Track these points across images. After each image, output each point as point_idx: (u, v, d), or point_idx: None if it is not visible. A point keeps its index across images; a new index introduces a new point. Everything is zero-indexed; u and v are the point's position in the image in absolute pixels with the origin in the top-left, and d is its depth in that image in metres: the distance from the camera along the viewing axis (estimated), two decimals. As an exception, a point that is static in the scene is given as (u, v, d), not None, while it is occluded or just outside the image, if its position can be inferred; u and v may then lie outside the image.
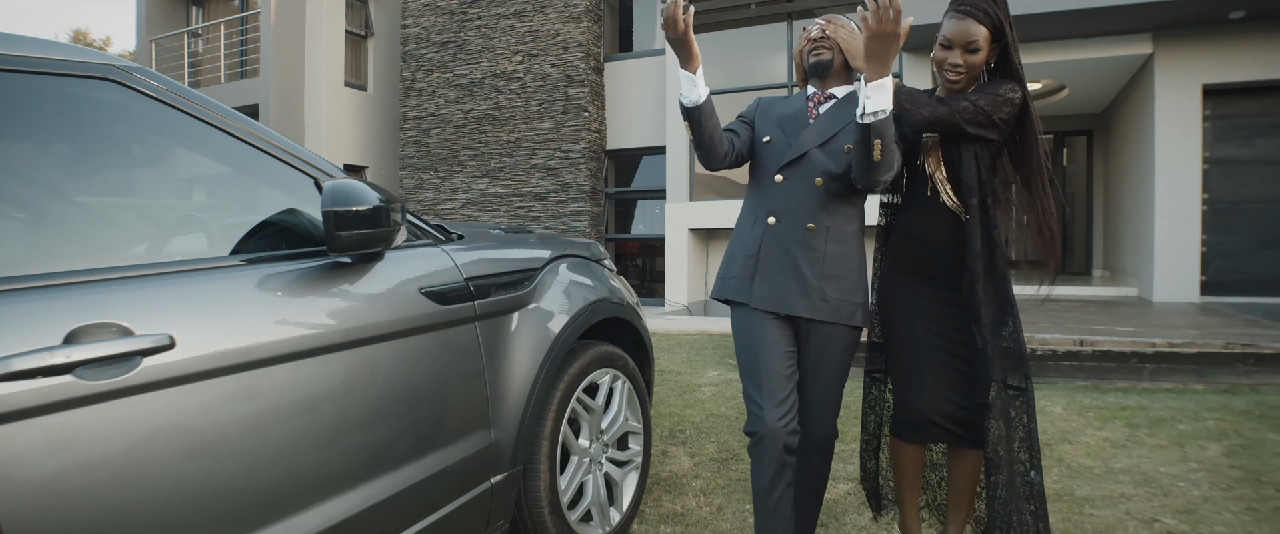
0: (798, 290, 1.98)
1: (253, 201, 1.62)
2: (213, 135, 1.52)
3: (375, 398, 1.60)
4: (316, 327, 1.48)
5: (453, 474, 1.80)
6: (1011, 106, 1.92)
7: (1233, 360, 4.23)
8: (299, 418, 1.43)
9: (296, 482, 1.41)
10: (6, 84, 1.26)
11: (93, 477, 1.12)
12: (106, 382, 1.14)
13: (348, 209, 1.48)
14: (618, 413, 2.51)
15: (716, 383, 4.82)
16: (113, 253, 1.35)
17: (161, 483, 1.20)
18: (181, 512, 1.23)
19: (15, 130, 1.28)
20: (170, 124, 1.47)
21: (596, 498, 2.39)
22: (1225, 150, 7.46)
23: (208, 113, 1.50)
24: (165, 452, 1.21)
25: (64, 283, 1.18)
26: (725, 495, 2.85)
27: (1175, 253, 7.38)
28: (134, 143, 1.46)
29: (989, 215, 1.98)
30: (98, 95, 1.38)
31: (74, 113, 1.36)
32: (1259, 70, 7.09)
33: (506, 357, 2.03)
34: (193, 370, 1.25)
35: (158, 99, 1.44)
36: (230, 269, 1.42)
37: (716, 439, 3.56)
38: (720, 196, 9.45)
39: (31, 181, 1.31)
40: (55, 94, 1.33)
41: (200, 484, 1.25)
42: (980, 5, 1.93)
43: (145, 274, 1.29)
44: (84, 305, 1.16)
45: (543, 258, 2.29)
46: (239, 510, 1.31)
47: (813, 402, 2.07)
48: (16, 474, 1.04)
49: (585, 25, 9.68)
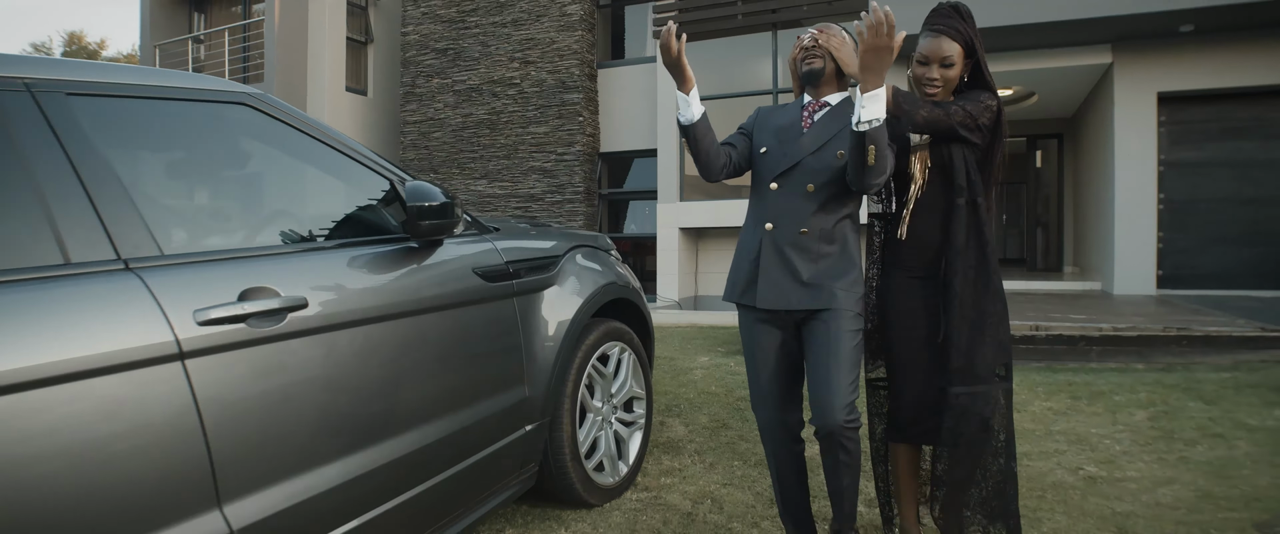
0: (796, 286, 2.08)
1: (347, 198, 2.04)
2: (315, 146, 1.94)
3: (442, 353, 2.03)
4: (400, 295, 1.90)
5: (497, 420, 2.23)
6: (991, 113, 2.05)
7: (1169, 342, 4.71)
8: (391, 364, 1.86)
9: (388, 414, 1.84)
10: (177, 109, 1.68)
11: (260, 400, 1.54)
12: (266, 329, 1.56)
13: (426, 204, 1.91)
14: (625, 379, 2.95)
15: (706, 366, 5.26)
16: (260, 236, 1.77)
17: (304, 407, 1.62)
18: (315, 427, 1.65)
19: (183, 142, 1.70)
20: (286, 137, 1.89)
21: (608, 451, 2.82)
22: (1179, 154, 7.99)
23: (312, 128, 1.93)
24: (304, 382, 1.63)
25: (233, 257, 1.60)
26: (716, 455, 3.29)
27: (1134, 249, 7.90)
28: (262, 152, 1.89)
29: (978, 214, 2.07)
30: (237, 116, 1.80)
31: (220, 129, 1.78)
32: (1209, 79, 7.62)
33: (537, 327, 2.46)
34: (320, 324, 1.67)
35: (277, 118, 1.87)
36: (336, 250, 1.84)
37: (708, 411, 4.00)
38: (709, 198, 9.90)
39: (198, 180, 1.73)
40: (209, 115, 1.75)
41: (328, 409, 1.68)
42: (952, 24, 2.06)
43: (283, 252, 1.71)
44: (248, 274, 1.59)
45: (564, 247, 2.73)
46: (356, 431, 1.73)
47: (826, 392, 2.05)
48: (223, 395, 1.46)
49: (579, 34, 10.11)
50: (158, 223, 1.50)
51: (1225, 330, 4.69)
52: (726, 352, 5.93)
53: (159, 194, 1.60)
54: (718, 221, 9.66)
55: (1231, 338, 4.63)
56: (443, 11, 10.81)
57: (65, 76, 1.48)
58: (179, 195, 1.66)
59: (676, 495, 2.86)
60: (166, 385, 1.38)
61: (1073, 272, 10.77)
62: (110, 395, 1.30)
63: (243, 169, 1.82)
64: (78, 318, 1.29)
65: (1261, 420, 3.50)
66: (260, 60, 11.45)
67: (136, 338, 1.34)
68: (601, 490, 2.75)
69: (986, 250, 2.07)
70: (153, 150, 1.66)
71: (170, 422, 1.38)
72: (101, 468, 1.27)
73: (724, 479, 3.00)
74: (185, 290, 1.45)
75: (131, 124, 1.59)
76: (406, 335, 1.91)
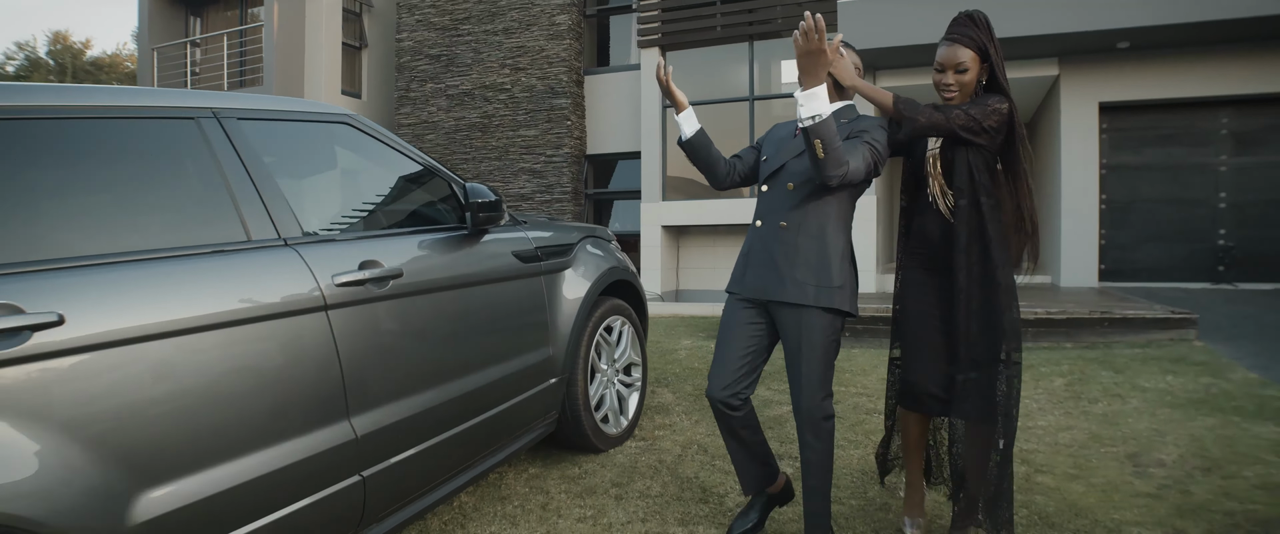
0: (775, 279, 2.24)
1: (419, 195, 2.61)
2: (395, 155, 2.50)
3: (492, 316, 2.60)
4: (462, 270, 2.47)
5: (531, 372, 2.80)
6: (999, 116, 2.12)
7: (1093, 324, 5.39)
8: (458, 321, 2.43)
9: (459, 359, 2.41)
10: (304, 128, 2.24)
11: (375, 342, 2.09)
12: (377, 291, 2.12)
13: (481, 200, 2.49)
14: (625, 347, 3.54)
15: (689, 348, 5.86)
16: (365, 223, 2.33)
17: (401, 350, 2.19)
18: (409, 366, 2.21)
19: (308, 152, 2.26)
20: (374, 147, 2.45)
21: (612, 405, 3.41)
22: (1119, 158, 8.73)
23: (392, 140, 2.49)
24: (400, 332, 2.19)
25: (352, 238, 2.16)
26: (700, 415, 3.89)
27: (1078, 245, 8.62)
28: (358, 159, 2.45)
29: (980, 213, 2.17)
30: (339, 132, 2.37)
31: (332, 141, 2.34)
32: (1145, 90, 8.36)
33: (558, 301, 3.04)
34: (410, 289, 2.24)
35: (367, 133, 2.43)
36: (415, 234, 2.40)
37: (692, 383, 4.60)
38: (689, 198, 10.51)
39: (320, 180, 2.28)
40: (324, 132, 2.32)
41: (417, 353, 2.24)
42: (965, 31, 2.16)
43: (382, 235, 2.28)
44: (363, 250, 2.14)
45: (577, 237, 3.31)
46: (437, 371, 2.30)
47: (799, 380, 2.22)
48: (352, 337, 2.02)
49: (568, 42, 10.67)
50: (300, 212, 2.06)
51: (1141, 313, 5.38)
52: (706, 336, 6.53)
53: (297, 190, 2.15)
54: (697, 220, 10.28)
55: (1146, 319, 5.32)
56: (436, 19, 11.32)
57: (235, 106, 2.04)
58: (310, 191, 2.21)
59: (668, 443, 3.45)
60: (316, 328, 1.94)
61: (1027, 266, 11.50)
62: (281, 333, 1.86)
63: (347, 172, 2.38)
64: (259, 278, 1.84)
65: (1154, 384, 4.16)
66: (256, 64, 11.88)
67: (297, 293, 1.90)
68: (607, 438, 3.34)
69: (989, 248, 2.15)
70: (290, 158, 2.21)
71: (318, 355, 1.94)
72: (274, 384, 1.82)
73: (708, 432, 3.60)
74: (325, 260, 2.01)
75: (276, 139, 2.15)
76: (467, 301, 2.49)
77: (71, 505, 1.39)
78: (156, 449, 1.55)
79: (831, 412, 2.25)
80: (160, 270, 1.65)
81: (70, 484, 1.40)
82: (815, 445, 2.22)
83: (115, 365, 1.51)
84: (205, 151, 1.89)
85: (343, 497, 1.96)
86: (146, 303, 1.58)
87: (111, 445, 1.48)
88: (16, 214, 1.51)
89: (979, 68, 2.17)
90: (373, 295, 2.10)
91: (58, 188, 1.60)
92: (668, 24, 10.34)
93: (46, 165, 1.58)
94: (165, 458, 1.56)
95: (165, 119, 1.85)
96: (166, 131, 1.84)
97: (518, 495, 2.94)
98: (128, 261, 1.61)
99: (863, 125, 2.25)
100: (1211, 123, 8.47)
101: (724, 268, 10.45)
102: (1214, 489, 2.75)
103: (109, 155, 1.71)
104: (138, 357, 1.55)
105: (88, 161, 1.67)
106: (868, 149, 2.17)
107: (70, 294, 1.47)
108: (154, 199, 1.78)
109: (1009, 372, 2.17)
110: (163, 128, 1.84)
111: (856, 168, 2.11)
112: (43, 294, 1.43)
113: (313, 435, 1.89)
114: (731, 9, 10.00)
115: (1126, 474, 2.92)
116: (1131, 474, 2.92)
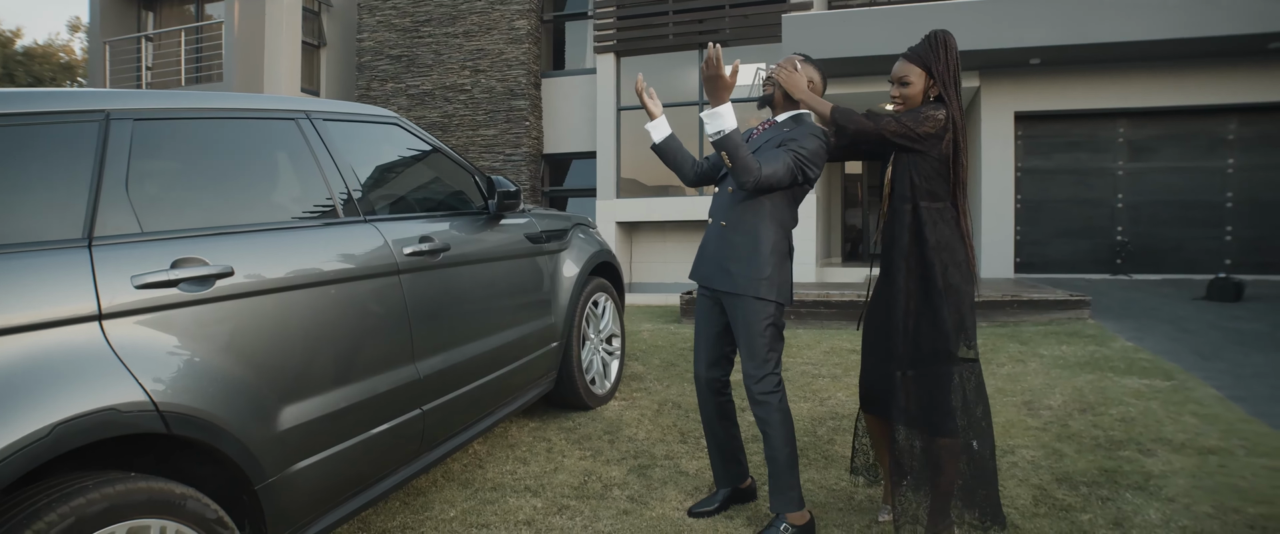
0: (716, 269, 2.51)
1: (451, 184, 3.10)
2: (430, 150, 3.00)
3: (512, 286, 3.13)
4: (489, 247, 2.99)
5: (539, 335, 3.33)
6: (934, 122, 2.19)
7: (1005, 305, 6.17)
8: (489, 287, 2.95)
9: (491, 319, 2.92)
10: (366, 128, 2.73)
11: (434, 302, 2.59)
12: (433, 261, 2.62)
13: (506, 189, 3.01)
14: (608, 320, 4.09)
15: (651, 330, 6.44)
16: (416, 205, 2.83)
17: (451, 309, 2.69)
18: (456, 323, 2.72)
19: (370, 148, 2.74)
20: (417, 144, 2.95)
21: (598, 370, 3.95)
22: (1032, 162, 9.68)
23: (429, 139, 2.99)
24: (447, 294, 2.70)
25: (409, 218, 2.66)
26: (670, 380, 4.47)
27: (997, 241, 9.52)
28: (405, 154, 2.94)
29: (918, 217, 2.25)
30: (389, 131, 2.86)
31: (386, 139, 2.83)
32: (1055, 102, 9.31)
33: (558, 277, 3.57)
34: (455, 261, 2.74)
35: (411, 132, 2.93)
36: (452, 216, 2.91)
37: (659, 356, 5.18)
38: (642, 196, 11.10)
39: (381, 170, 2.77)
40: (380, 132, 2.80)
41: (461, 313, 2.75)
42: (916, 49, 2.28)
43: (430, 216, 2.78)
44: (420, 227, 2.64)
45: (569, 224, 3.85)
46: (476, 329, 2.81)
47: (743, 363, 2.48)
48: (417, 297, 2.52)
49: (527, 46, 11.14)
50: (371, 195, 2.55)
51: (1045, 296, 6.19)
52: (664, 320, 7.11)
53: (365, 177, 2.63)
54: (648, 216, 10.87)
55: (1049, 301, 6.13)
56: (397, 21, 11.64)
57: (319, 109, 2.52)
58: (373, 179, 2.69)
59: (646, 401, 4.02)
60: (392, 288, 2.43)
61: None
62: (371, 290, 2.35)
63: (397, 163, 2.87)
64: (353, 246, 2.33)
65: (1051, 352, 4.93)
66: (213, 61, 11.97)
67: (381, 260, 2.40)
68: (595, 397, 3.88)
69: (925, 250, 2.23)
70: (357, 151, 2.68)
71: (395, 309, 2.43)
72: (367, 330, 2.31)
73: (679, 393, 4.18)
74: (396, 234, 2.51)
75: (347, 137, 2.63)
76: (494, 273, 3.01)
77: (240, 411, 1.87)
78: (293, 374, 2.04)
79: (773, 387, 2.44)
80: (291, 237, 2.14)
81: (240, 395, 1.88)
82: (760, 415, 2.46)
83: (268, 307, 1.99)
84: (304, 146, 2.37)
85: (410, 425, 2.46)
86: (284, 260, 2.07)
87: (266, 369, 1.96)
88: (195, 192, 1.98)
89: (925, 83, 2.26)
90: (429, 264, 2.60)
91: (219, 172, 2.07)
92: (623, 31, 10.91)
93: (213, 155, 2.06)
94: (299, 381, 2.05)
95: (276, 119, 2.32)
96: (278, 130, 2.32)
97: (524, 443, 3.46)
98: (269, 230, 2.09)
99: (794, 134, 2.42)
100: (1110, 132, 9.49)
101: (674, 261, 11.08)
102: (1086, 423, 3.46)
103: (245, 147, 2.19)
104: (282, 301, 2.03)
105: (235, 152, 2.15)
106: (791, 156, 2.34)
107: (235, 252, 1.95)
108: (277, 182, 2.27)
109: (963, 370, 2.24)
110: (275, 127, 2.31)
111: (773, 173, 2.30)
112: (217, 251, 1.91)
113: (392, 373, 2.38)
114: (682, 18, 10.63)
115: (1022, 415, 3.61)
116: (1026, 415, 3.61)
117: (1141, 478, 2.83)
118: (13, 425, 1.41)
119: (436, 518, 2.71)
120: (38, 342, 1.52)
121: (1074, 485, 2.79)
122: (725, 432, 2.69)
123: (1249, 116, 9.10)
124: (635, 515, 2.67)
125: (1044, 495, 2.71)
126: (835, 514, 2.64)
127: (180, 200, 1.96)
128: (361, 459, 2.25)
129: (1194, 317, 6.09)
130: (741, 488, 2.75)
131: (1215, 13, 7.88)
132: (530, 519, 2.67)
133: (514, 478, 3.05)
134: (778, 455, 2.45)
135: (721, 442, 2.69)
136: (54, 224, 1.65)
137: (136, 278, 1.71)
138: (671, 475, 3.03)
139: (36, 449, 1.43)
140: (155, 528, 1.61)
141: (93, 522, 1.49)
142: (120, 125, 1.83)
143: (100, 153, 1.77)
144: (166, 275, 1.76)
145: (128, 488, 1.56)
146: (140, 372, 1.64)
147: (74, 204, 1.69)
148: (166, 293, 1.75)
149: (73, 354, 1.57)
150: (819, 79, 2.55)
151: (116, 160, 1.79)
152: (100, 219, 1.71)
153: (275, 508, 1.94)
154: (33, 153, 1.68)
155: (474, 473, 3.12)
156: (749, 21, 10.31)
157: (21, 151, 1.66)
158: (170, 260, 1.79)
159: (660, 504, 2.76)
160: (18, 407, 1.44)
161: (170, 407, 1.67)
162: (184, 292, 1.79)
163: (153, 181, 1.89)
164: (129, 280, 1.69)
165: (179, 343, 1.76)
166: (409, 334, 2.48)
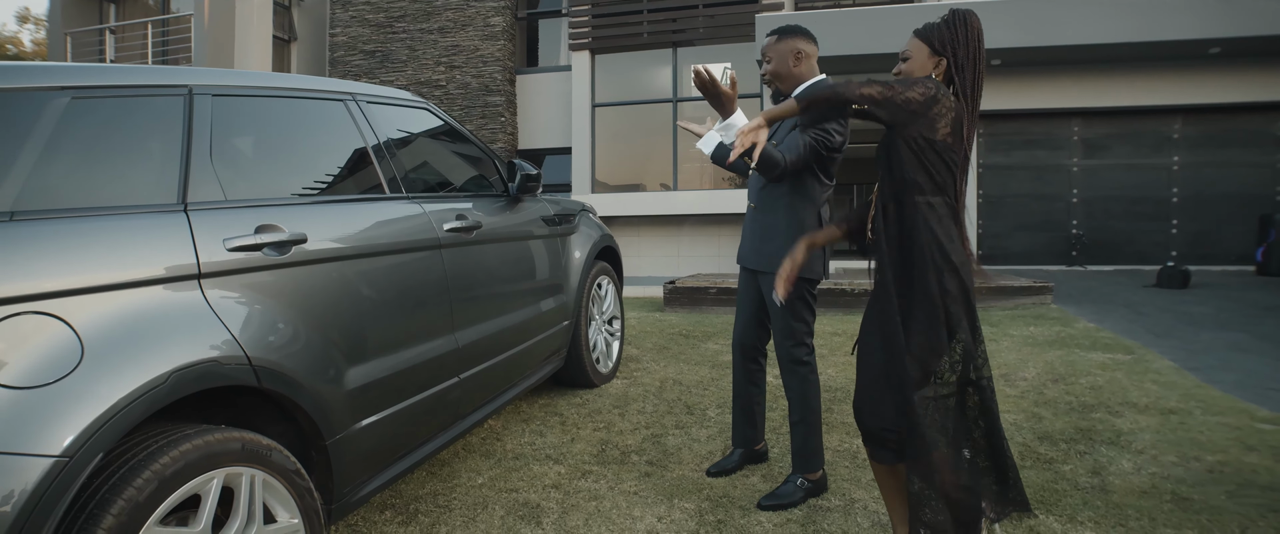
0: (750, 250, 2.73)
1: (474, 165, 3.25)
2: (456, 134, 3.15)
3: (532, 264, 3.29)
4: (512, 225, 3.15)
5: (553, 313, 3.50)
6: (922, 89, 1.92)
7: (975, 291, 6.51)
8: (514, 264, 3.11)
9: (517, 295, 3.08)
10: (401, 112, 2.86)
11: (469, 275, 2.74)
12: (467, 237, 2.77)
13: (527, 173, 3.17)
14: (610, 302, 4.26)
15: (638, 318, 6.63)
16: (447, 184, 2.97)
17: (483, 282, 2.84)
18: (489, 297, 2.87)
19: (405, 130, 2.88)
20: (443, 128, 3.09)
21: (602, 349, 4.13)
22: (993, 159, 10.11)
23: (454, 123, 3.14)
24: (479, 268, 2.85)
25: (446, 197, 2.80)
26: (667, 360, 4.66)
27: (960, 234, 9.92)
28: (436, 138, 3.08)
29: (903, 211, 1.99)
30: (420, 114, 3.00)
31: (420, 122, 2.97)
32: (1013, 101, 9.74)
33: (569, 258, 3.74)
34: (485, 239, 2.90)
35: (438, 117, 3.07)
36: (480, 197, 3.06)
37: (651, 340, 5.37)
38: (615, 190, 11.28)
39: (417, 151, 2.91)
40: (414, 115, 2.94)
41: (490, 288, 2.90)
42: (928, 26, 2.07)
43: (462, 195, 2.93)
44: (455, 205, 2.79)
45: (577, 209, 4.01)
46: (506, 304, 2.97)
47: (774, 331, 2.70)
48: (455, 270, 2.67)
49: (502, 43, 11.23)
50: (411, 174, 2.69)
51: (1012, 283, 6.54)
52: (648, 310, 7.31)
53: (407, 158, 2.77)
54: (624, 211, 11.05)
55: (1015, 288, 6.48)
56: (371, 16, 11.63)
57: (362, 91, 2.65)
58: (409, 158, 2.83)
59: (648, 379, 4.21)
60: (434, 261, 2.58)
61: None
62: (418, 262, 2.49)
63: (427, 145, 3.01)
64: (401, 221, 2.47)
65: (1020, 332, 5.25)
66: (180, 54, 11.81)
67: (425, 235, 2.54)
68: (600, 375, 4.06)
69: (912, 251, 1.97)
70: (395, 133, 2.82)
71: (437, 282, 2.58)
72: (415, 300, 2.46)
73: (677, 371, 4.38)
74: (436, 212, 2.65)
75: (389, 119, 2.76)
76: (518, 251, 3.17)
77: (315, 369, 2.01)
78: (357, 337, 2.18)
79: (803, 359, 2.60)
80: (352, 209, 2.28)
81: (314, 354, 2.01)
82: (789, 383, 2.64)
83: (335, 273, 2.13)
84: (352, 125, 2.51)
85: (448, 393, 2.60)
86: (348, 231, 2.21)
87: (334, 331, 2.09)
88: (267, 164, 2.12)
89: (928, 59, 2.03)
90: (465, 240, 2.76)
91: (284, 146, 2.21)
92: (598, 29, 11.07)
93: (279, 130, 2.19)
94: (361, 344, 2.19)
95: (328, 100, 2.46)
96: (330, 109, 2.45)
97: (538, 417, 3.62)
98: (332, 201, 2.23)
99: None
100: (1066, 130, 9.96)
101: (649, 254, 11.28)
102: (1060, 391, 3.75)
103: (306, 124, 2.33)
104: (347, 268, 2.17)
105: (297, 128, 2.29)
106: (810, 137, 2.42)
107: (307, 220, 2.08)
108: (333, 157, 2.40)
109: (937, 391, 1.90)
110: (328, 107, 2.45)
111: (796, 159, 2.40)
112: (291, 219, 2.04)
113: (435, 341, 2.53)
114: (657, 17, 10.84)
115: (1001, 385, 3.89)
116: (1004, 385, 3.89)
117: (1113, 435, 3.11)
118: (139, 370, 1.54)
119: (465, 485, 2.86)
120: (150, 297, 1.65)
121: (1054, 442, 3.06)
122: (751, 396, 2.87)
123: (1192, 116, 9.64)
124: (656, 477, 2.86)
125: (1028, 451, 2.97)
126: (842, 471, 2.86)
127: (255, 171, 2.10)
128: (409, 423, 2.39)
129: (1147, 302, 6.51)
130: (756, 449, 2.95)
131: (1164, 18, 8.37)
132: (557, 483, 2.84)
133: (533, 449, 3.21)
134: (805, 420, 2.62)
135: (746, 405, 2.88)
136: (153, 190, 1.78)
137: (228, 241, 1.84)
138: (685, 442, 3.23)
139: (158, 394, 1.57)
140: (247, 476, 1.75)
141: (195, 467, 1.61)
142: (202, 100, 1.96)
143: (187, 125, 1.90)
144: (252, 239, 1.89)
145: (225, 437, 1.69)
146: (235, 327, 1.78)
147: (168, 172, 1.82)
148: (253, 256, 1.89)
149: (179, 309, 1.70)
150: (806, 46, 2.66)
151: (201, 132, 1.92)
152: (192, 186, 1.84)
153: (342, 463, 2.09)
154: (131, 123, 1.80)
155: (493, 445, 3.27)
156: (721, 21, 10.56)
157: (121, 121, 1.78)
158: (254, 226, 1.92)
159: (678, 467, 2.95)
160: (141, 354, 1.57)
161: (261, 361, 1.81)
162: (267, 256, 1.92)
163: (231, 153, 2.03)
164: (221, 242, 1.83)
165: (264, 303, 1.90)
166: (449, 305, 2.63)
